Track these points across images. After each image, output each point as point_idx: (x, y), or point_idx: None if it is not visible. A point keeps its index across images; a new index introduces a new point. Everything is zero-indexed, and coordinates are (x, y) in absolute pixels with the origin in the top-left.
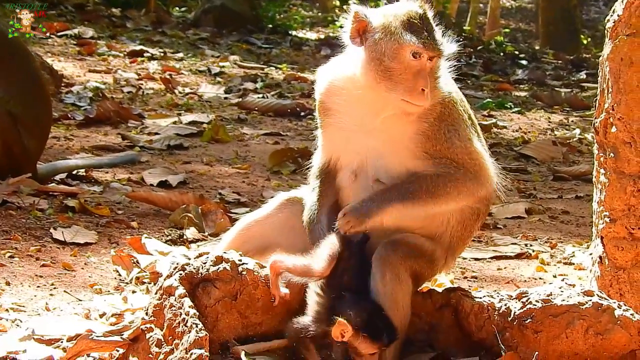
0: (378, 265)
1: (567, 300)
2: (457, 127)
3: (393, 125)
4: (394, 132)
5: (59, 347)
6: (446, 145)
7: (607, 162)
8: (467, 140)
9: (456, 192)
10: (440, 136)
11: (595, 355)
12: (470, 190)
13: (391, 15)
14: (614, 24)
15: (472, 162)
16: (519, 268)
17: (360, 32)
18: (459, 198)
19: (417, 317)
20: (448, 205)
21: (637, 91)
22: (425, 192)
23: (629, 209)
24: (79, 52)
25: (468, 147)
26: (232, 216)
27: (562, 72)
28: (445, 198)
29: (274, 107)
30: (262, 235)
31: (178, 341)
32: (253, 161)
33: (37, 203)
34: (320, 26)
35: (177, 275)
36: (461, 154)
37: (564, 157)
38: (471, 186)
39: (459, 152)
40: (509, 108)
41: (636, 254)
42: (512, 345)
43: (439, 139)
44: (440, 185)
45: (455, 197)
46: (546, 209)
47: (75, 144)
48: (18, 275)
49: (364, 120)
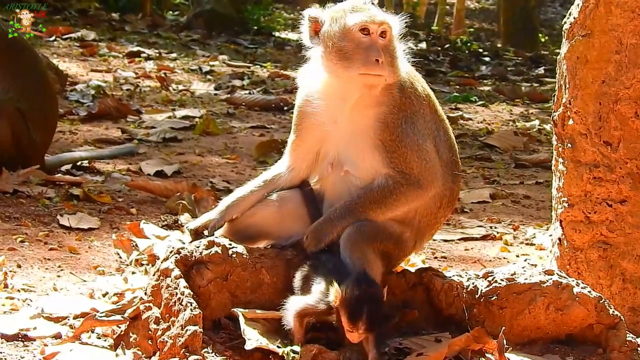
0: (346, 246)
1: (529, 279)
2: (415, 120)
3: (358, 113)
4: (358, 120)
5: (66, 324)
6: (400, 137)
7: (565, 152)
8: (420, 137)
9: (403, 198)
10: (397, 126)
11: (556, 329)
12: (415, 195)
13: (338, 7)
14: (571, 26)
15: (419, 162)
16: (485, 249)
17: (317, 31)
18: (406, 204)
19: (392, 295)
20: (397, 211)
21: (592, 87)
22: (374, 204)
23: (586, 194)
24: (82, 54)
25: (420, 145)
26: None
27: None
28: (393, 206)
29: (260, 102)
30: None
31: (174, 319)
32: (241, 152)
33: (44, 192)
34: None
35: (173, 258)
36: (411, 154)
37: (524, 146)
38: (414, 192)
39: (409, 151)
40: (473, 101)
41: (592, 236)
42: (479, 320)
43: (395, 128)
44: (387, 196)
45: (403, 204)
46: (509, 194)
47: (79, 137)
48: (28, 258)
49: (335, 112)
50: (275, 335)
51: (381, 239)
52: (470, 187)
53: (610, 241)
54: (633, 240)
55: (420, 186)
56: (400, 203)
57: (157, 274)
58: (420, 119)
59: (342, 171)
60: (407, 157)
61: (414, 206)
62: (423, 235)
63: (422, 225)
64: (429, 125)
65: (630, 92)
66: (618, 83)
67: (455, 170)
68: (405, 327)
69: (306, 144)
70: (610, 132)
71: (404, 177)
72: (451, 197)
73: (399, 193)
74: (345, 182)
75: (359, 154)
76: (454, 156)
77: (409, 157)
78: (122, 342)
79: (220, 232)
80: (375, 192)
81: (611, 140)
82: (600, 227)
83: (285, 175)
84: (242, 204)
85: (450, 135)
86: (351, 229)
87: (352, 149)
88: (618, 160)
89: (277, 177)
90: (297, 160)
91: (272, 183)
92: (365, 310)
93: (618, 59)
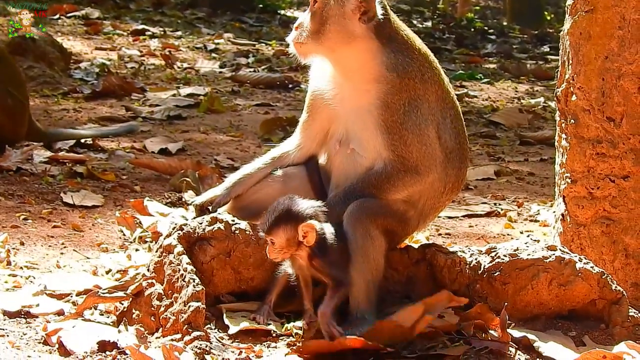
0: (349, 222)
1: (532, 255)
2: (419, 104)
3: (359, 90)
4: (360, 97)
5: (69, 301)
6: (402, 119)
7: (568, 128)
8: (423, 121)
9: (401, 184)
10: (399, 107)
11: (559, 305)
12: (412, 181)
13: None
14: (574, 1)
15: (419, 147)
16: (489, 225)
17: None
18: (404, 189)
19: (395, 271)
20: (395, 195)
21: (595, 63)
22: (372, 189)
23: (588, 170)
24: (86, 32)
25: (422, 130)
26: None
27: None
28: (390, 191)
29: (265, 80)
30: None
31: (177, 295)
32: (245, 130)
33: (48, 170)
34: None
35: (176, 235)
36: (412, 137)
37: (529, 124)
38: (411, 178)
39: (410, 135)
40: (479, 79)
41: (595, 212)
42: (482, 296)
43: (397, 110)
44: (384, 182)
45: (400, 189)
46: (513, 171)
47: (83, 115)
48: (31, 235)
49: (339, 89)
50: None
51: (385, 215)
52: (475, 164)
53: (613, 217)
54: (636, 216)
55: (418, 172)
56: (398, 188)
57: (159, 251)
58: (425, 103)
59: (348, 149)
60: (407, 140)
61: (412, 191)
62: (427, 216)
63: (427, 208)
64: (433, 111)
65: (634, 67)
66: (621, 59)
67: (461, 157)
68: (409, 302)
69: (316, 123)
70: (613, 107)
71: (402, 162)
72: (456, 183)
73: (396, 179)
74: (351, 160)
75: (363, 133)
76: (461, 142)
77: (409, 141)
78: (125, 319)
79: (225, 209)
80: (373, 177)
81: (614, 116)
82: (603, 202)
83: (294, 153)
84: (248, 181)
85: (458, 122)
86: (355, 205)
87: (358, 128)
88: (621, 135)
89: (285, 155)
90: (307, 140)
91: (280, 161)
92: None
93: (621, 35)
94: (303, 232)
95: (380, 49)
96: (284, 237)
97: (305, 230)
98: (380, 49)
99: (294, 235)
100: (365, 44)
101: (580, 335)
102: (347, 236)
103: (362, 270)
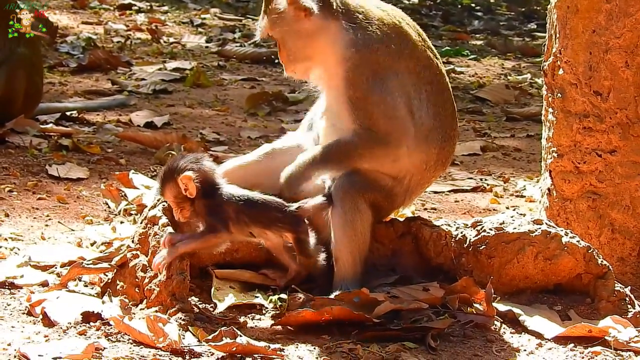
0: (338, 196)
1: (518, 228)
2: (385, 77)
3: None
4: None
5: (53, 272)
6: (365, 93)
7: (554, 102)
8: (388, 94)
9: (368, 154)
10: (362, 82)
11: (545, 279)
12: (382, 152)
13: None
14: None
15: (385, 120)
16: (475, 200)
17: None
18: (373, 158)
19: (381, 244)
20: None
21: (582, 36)
22: (340, 155)
23: (575, 144)
24: (72, 6)
25: (387, 102)
26: (212, 154)
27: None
28: (359, 160)
29: (251, 55)
30: (244, 178)
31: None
32: (231, 104)
33: (34, 142)
34: None
35: (161, 206)
36: (377, 111)
37: (516, 100)
38: (380, 149)
39: (375, 108)
40: (465, 55)
41: (582, 186)
42: (467, 269)
43: (360, 85)
44: (351, 150)
45: (369, 158)
46: (499, 146)
47: (69, 89)
48: (16, 207)
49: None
50: (252, 290)
51: (372, 189)
52: (461, 140)
53: (599, 191)
54: (622, 191)
55: (387, 143)
56: (366, 158)
57: (144, 222)
58: (392, 76)
59: (331, 125)
60: (372, 114)
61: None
62: (413, 192)
63: (412, 184)
64: (403, 84)
65: (621, 41)
66: (608, 32)
67: (444, 135)
68: (394, 275)
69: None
70: (600, 81)
71: (369, 134)
72: (439, 160)
73: (363, 148)
74: (334, 135)
75: (339, 112)
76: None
77: (375, 115)
78: (109, 290)
79: None
80: (342, 144)
81: (601, 90)
82: (590, 177)
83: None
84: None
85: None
86: (343, 179)
87: (335, 108)
88: (608, 110)
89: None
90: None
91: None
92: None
93: (608, 8)
94: (184, 185)
95: (339, 30)
96: (171, 195)
97: (185, 182)
98: (338, 30)
99: (179, 191)
100: (324, 32)
101: (565, 309)
102: (335, 207)
103: (350, 243)
